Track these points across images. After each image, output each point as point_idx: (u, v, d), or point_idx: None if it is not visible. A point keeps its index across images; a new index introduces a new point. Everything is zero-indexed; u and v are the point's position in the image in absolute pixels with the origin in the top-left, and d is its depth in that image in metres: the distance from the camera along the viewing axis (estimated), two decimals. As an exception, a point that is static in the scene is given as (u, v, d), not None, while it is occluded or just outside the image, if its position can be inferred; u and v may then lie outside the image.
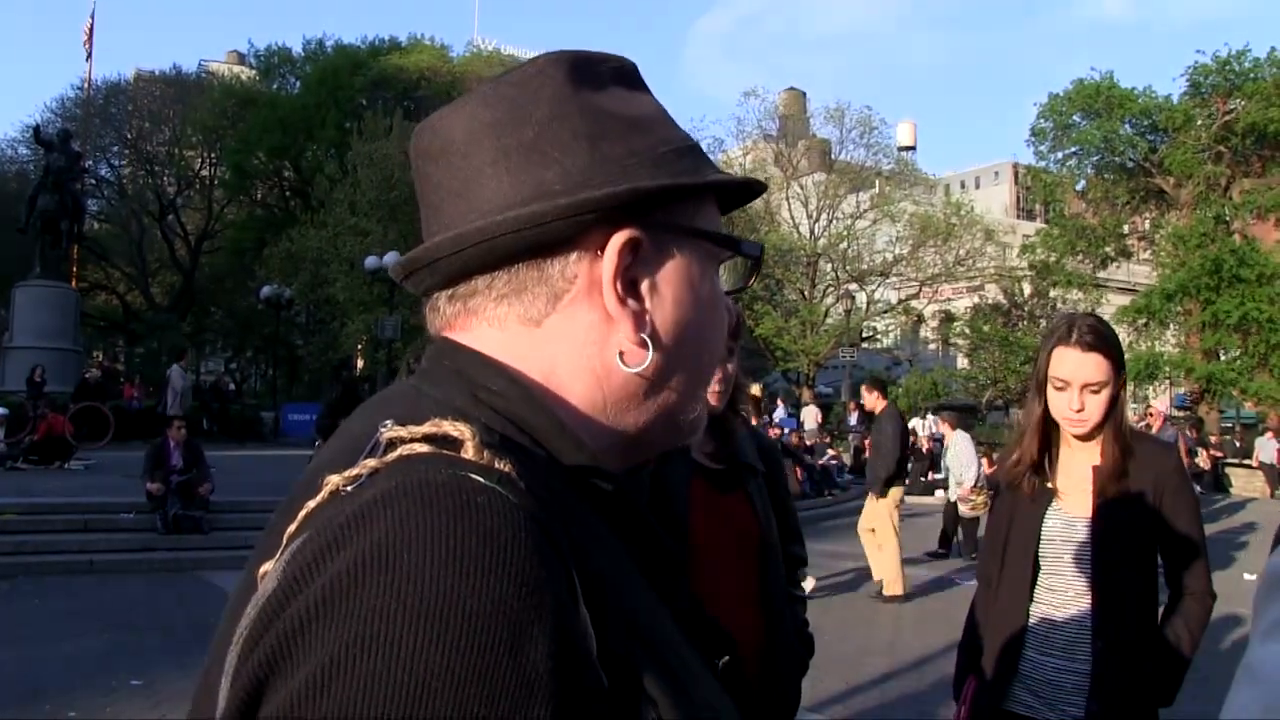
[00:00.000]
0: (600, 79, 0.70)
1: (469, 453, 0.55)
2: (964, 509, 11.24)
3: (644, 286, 0.68)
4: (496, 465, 0.55)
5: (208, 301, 38.23)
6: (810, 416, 22.59)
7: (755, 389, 9.34)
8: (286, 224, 31.03)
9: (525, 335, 0.67)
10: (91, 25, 29.81)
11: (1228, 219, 28.48)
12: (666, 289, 0.69)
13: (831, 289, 31.58)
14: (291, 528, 0.55)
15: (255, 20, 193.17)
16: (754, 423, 5.32)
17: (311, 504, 0.55)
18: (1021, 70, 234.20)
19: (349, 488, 0.54)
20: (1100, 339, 2.20)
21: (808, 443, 19.04)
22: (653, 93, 0.75)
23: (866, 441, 21.27)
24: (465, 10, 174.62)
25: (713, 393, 2.12)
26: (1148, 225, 32.02)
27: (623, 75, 0.73)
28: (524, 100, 0.67)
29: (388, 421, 0.59)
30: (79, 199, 24.03)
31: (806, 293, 31.69)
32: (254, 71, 42.60)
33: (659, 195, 0.67)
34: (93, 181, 34.79)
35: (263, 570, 0.55)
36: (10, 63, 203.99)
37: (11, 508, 9.64)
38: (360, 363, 28.36)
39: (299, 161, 35.06)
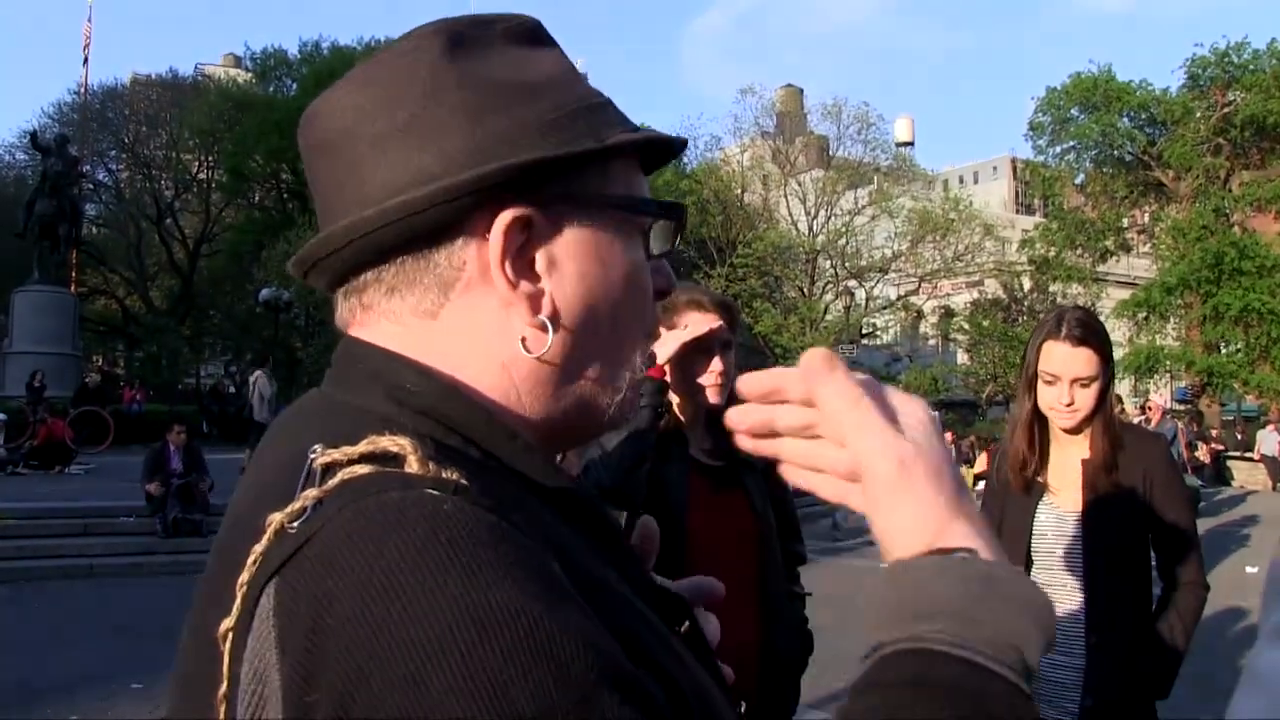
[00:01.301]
0: (487, 44, 0.65)
1: (413, 467, 0.53)
2: None
3: (540, 265, 0.63)
4: (445, 475, 0.52)
5: (207, 305, 38.20)
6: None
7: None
8: (284, 226, 31.03)
9: (424, 329, 0.64)
10: (88, 30, 29.81)
11: (1227, 211, 28.44)
12: (568, 265, 0.64)
13: (830, 286, 31.57)
14: (244, 577, 0.51)
15: (251, 23, 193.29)
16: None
17: (258, 548, 0.51)
18: (1019, 64, 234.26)
19: (295, 524, 0.50)
20: (1089, 333, 2.20)
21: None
22: (560, 48, 0.70)
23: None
24: (462, 11, 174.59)
25: (712, 388, 2.10)
26: (1147, 219, 31.99)
27: (519, 34, 0.68)
28: (398, 80, 0.63)
29: (316, 446, 0.55)
30: (77, 204, 24.05)
31: (805, 290, 31.66)
32: (250, 74, 42.59)
33: (544, 166, 0.62)
34: (90, 186, 34.80)
35: (223, 629, 0.51)
36: (7, 68, 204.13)
37: (11, 512, 9.65)
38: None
39: (296, 164, 34.78)
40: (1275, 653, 0.66)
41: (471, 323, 0.63)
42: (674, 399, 2.17)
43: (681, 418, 2.18)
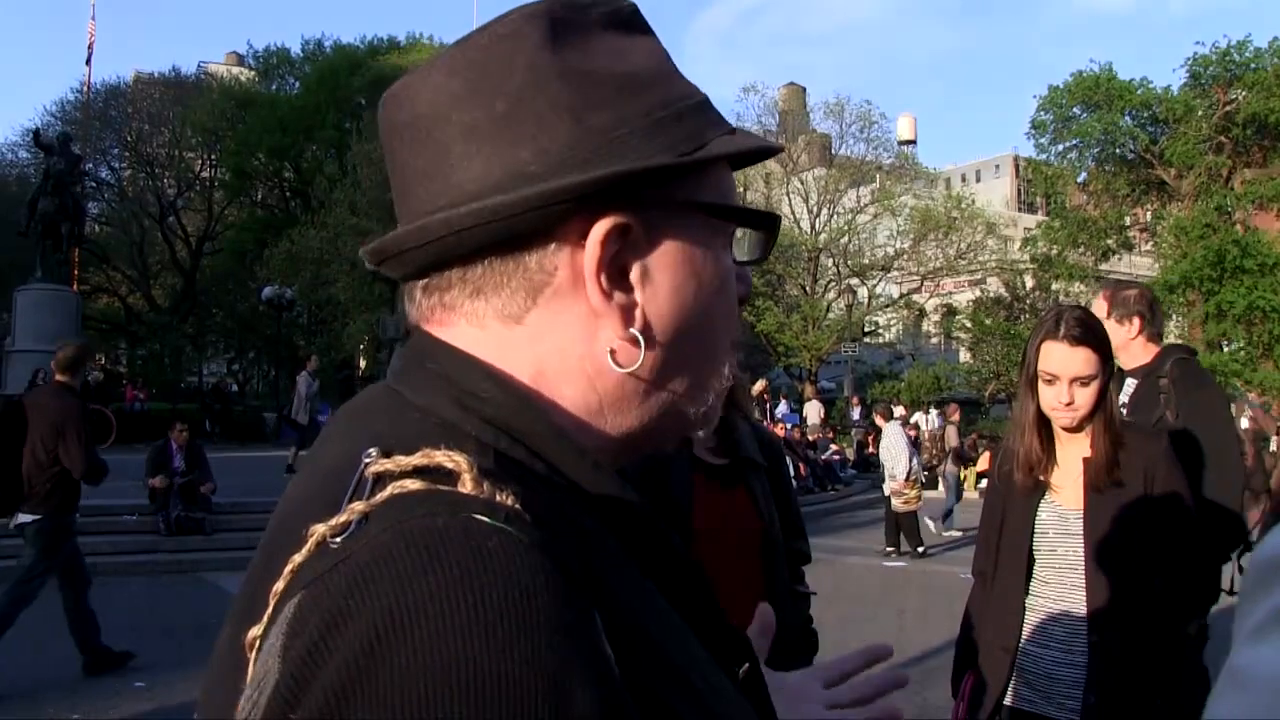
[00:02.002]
0: (586, 30, 0.61)
1: (466, 486, 0.50)
2: (897, 503, 11.05)
3: (635, 275, 0.60)
4: (499, 499, 0.50)
5: (209, 303, 38.25)
6: (813, 412, 22.58)
7: (758, 385, 9.34)
8: (287, 225, 31.08)
9: (507, 333, 0.61)
10: (92, 29, 29.84)
11: (1229, 209, 28.39)
12: (662, 276, 0.61)
13: (833, 284, 31.55)
14: (278, 586, 0.49)
15: (254, 21, 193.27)
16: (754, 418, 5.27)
17: (298, 558, 0.49)
18: (1021, 63, 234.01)
19: (337, 539, 0.48)
20: (1087, 332, 2.20)
21: (810, 438, 19.03)
22: (655, 36, 0.66)
23: (870, 437, 21.33)
24: (464, 9, 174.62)
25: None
26: (1149, 217, 31.93)
27: (617, 19, 0.64)
28: (495, 66, 0.59)
29: (371, 451, 0.53)
30: (79, 202, 24.04)
31: (808, 288, 31.64)
32: (253, 72, 42.63)
33: (647, 174, 0.59)
34: (93, 184, 34.81)
35: (251, 636, 0.50)
36: (10, 67, 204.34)
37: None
38: (363, 363, 28.37)
39: (299, 162, 35.10)
40: (1255, 650, 0.65)
41: (558, 331, 0.60)
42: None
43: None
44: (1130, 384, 3.09)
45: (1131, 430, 2.31)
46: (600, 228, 0.58)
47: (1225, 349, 28.06)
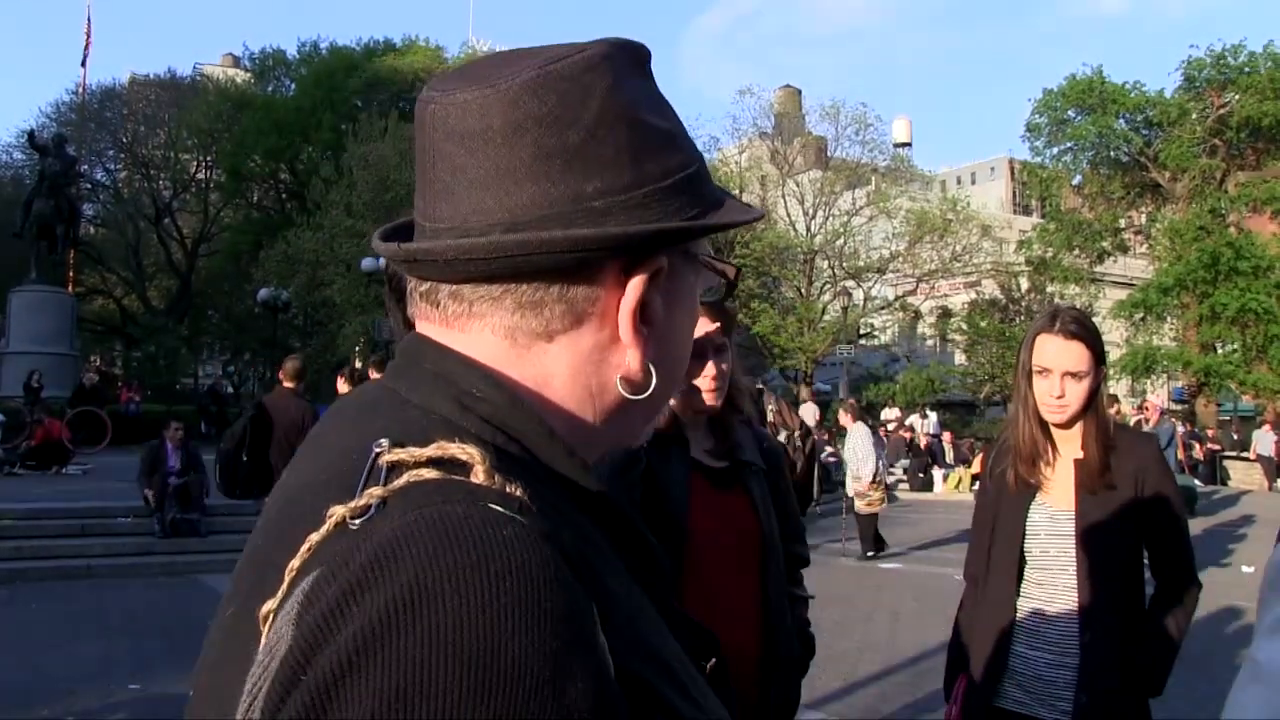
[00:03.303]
0: (636, 75, 0.67)
1: (479, 477, 0.54)
2: (860, 505, 10.92)
3: (655, 313, 0.66)
4: (510, 490, 0.53)
5: (205, 304, 38.18)
6: (808, 414, 22.57)
7: (771, 401, 9.34)
8: (283, 226, 30.99)
9: (531, 347, 0.65)
10: (89, 31, 29.78)
11: (1223, 212, 28.48)
12: (670, 315, 0.68)
13: (828, 286, 31.56)
14: (295, 563, 0.51)
15: (250, 23, 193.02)
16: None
17: (315, 537, 0.51)
18: (1017, 66, 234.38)
19: (357, 520, 0.51)
20: (1082, 328, 2.23)
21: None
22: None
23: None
24: (460, 11, 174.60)
25: (708, 391, 2.10)
26: (1144, 219, 32.01)
27: (645, 64, 0.70)
28: (574, 98, 0.62)
29: (382, 440, 0.56)
30: (74, 203, 24.03)
31: (803, 290, 31.66)
32: (249, 74, 42.52)
33: (692, 230, 0.66)
34: (88, 186, 34.77)
35: (265, 610, 0.51)
36: (5, 68, 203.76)
37: (9, 513, 9.63)
38: (358, 364, 28.29)
39: (295, 164, 35.03)
40: (1272, 645, 0.68)
41: (578, 350, 0.65)
42: (671, 401, 2.17)
43: (681, 418, 2.18)
44: None
45: (1123, 432, 2.33)
46: (643, 273, 0.65)
47: (1219, 351, 28.13)
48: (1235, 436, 23.92)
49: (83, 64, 30.56)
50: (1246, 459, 21.58)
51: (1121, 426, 2.40)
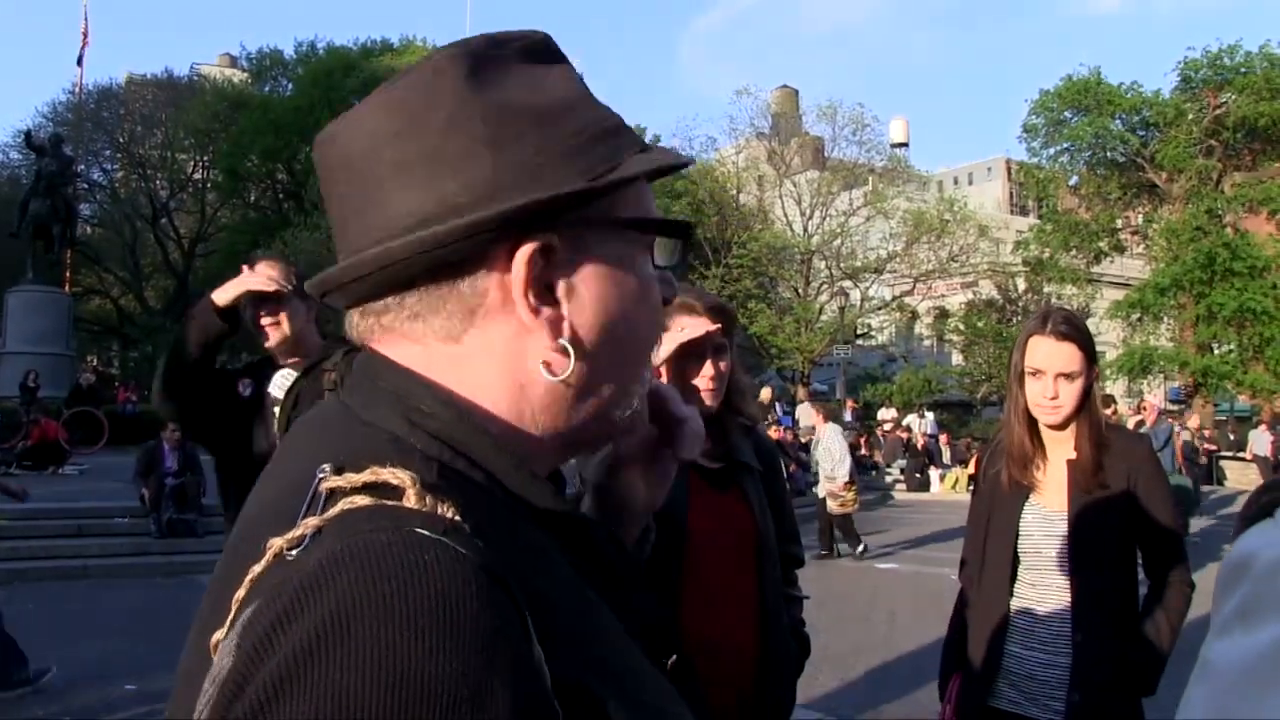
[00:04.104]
0: (504, 65, 0.66)
1: (410, 500, 0.55)
2: (833, 505, 10.92)
3: (560, 291, 0.65)
4: (440, 511, 0.54)
5: (202, 305, 38.11)
6: (805, 414, 22.60)
7: (765, 393, 9.34)
8: (280, 227, 30.99)
9: (446, 351, 0.66)
10: (85, 30, 29.72)
11: (1220, 212, 28.51)
12: (586, 289, 0.66)
13: (826, 286, 31.60)
14: (240, 594, 0.54)
15: (247, 23, 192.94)
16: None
17: (257, 569, 0.54)
18: (1014, 66, 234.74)
19: (293, 551, 0.53)
20: (1074, 329, 2.24)
21: (803, 440, 19.04)
22: (569, 62, 0.72)
23: (862, 439, 21.36)
24: (457, 11, 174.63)
25: (706, 391, 2.11)
26: (1140, 220, 32.04)
27: (532, 52, 0.69)
28: (421, 105, 0.64)
29: (325, 466, 0.58)
30: (71, 203, 23.95)
31: (801, 290, 31.69)
32: (246, 74, 42.50)
33: (564, 198, 0.64)
34: (85, 186, 34.72)
35: (214, 640, 0.54)
36: (1, 67, 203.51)
37: (5, 513, 9.61)
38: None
39: (292, 164, 34.99)
40: (1222, 643, 0.70)
41: (492, 347, 0.65)
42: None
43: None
44: None
45: (1116, 433, 2.34)
46: (524, 251, 0.63)
47: (1216, 351, 28.18)
48: (1232, 437, 23.96)
49: (79, 64, 30.41)
50: (1243, 459, 21.63)
51: (1115, 427, 2.41)
